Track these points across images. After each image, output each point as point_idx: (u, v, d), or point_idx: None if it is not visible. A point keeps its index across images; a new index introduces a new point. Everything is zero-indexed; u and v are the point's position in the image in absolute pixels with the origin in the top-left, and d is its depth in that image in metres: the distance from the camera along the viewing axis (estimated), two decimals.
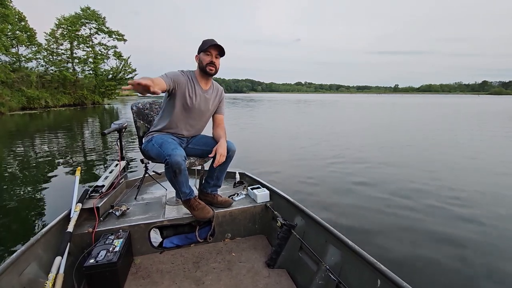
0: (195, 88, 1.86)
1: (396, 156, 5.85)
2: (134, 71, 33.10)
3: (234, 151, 1.95)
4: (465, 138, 8.29)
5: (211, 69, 1.82)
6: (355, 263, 1.27)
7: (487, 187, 3.88)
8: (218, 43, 1.77)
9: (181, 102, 1.84)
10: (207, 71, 1.82)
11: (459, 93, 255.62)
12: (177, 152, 1.63)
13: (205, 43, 1.79)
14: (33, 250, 1.36)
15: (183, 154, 1.67)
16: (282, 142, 7.49)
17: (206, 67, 1.81)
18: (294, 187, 3.82)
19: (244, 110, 20.94)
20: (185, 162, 1.67)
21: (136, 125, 2.18)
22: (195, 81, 1.87)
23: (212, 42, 1.77)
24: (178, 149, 1.66)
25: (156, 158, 1.84)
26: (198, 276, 1.61)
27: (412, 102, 43.09)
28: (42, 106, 22.81)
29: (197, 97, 1.87)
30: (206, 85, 1.92)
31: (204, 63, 1.81)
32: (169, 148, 1.66)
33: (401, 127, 11.16)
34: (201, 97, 1.89)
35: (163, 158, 1.66)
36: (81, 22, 29.73)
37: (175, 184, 1.74)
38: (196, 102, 1.87)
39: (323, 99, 55.99)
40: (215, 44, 1.76)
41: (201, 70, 1.85)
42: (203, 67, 1.82)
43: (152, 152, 1.83)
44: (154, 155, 1.83)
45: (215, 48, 1.79)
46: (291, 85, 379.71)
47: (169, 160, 1.61)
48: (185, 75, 1.84)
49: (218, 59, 1.85)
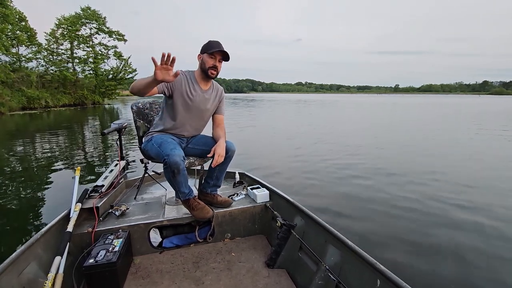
0: (195, 87, 1.86)
1: (396, 156, 5.84)
2: (135, 71, 33.12)
3: (234, 151, 1.94)
4: (466, 138, 8.28)
5: (212, 72, 1.82)
6: (355, 263, 1.27)
7: (489, 188, 3.87)
8: (224, 49, 1.76)
9: (180, 101, 1.84)
10: (209, 74, 1.82)
11: (460, 93, 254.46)
12: (175, 152, 1.63)
13: (211, 45, 1.78)
14: (33, 249, 1.36)
15: (182, 154, 1.67)
16: (282, 142, 7.48)
17: (208, 70, 1.80)
18: (295, 186, 3.81)
19: (244, 110, 20.93)
20: (184, 162, 1.67)
21: (136, 125, 2.18)
22: (194, 81, 1.87)
23: (219, 47, 1.76)
24: (176, 149, 1.66)
25: (156, 157, 1.84)
26: (197, 276, 1.61)
27: (412, 102, 43.01)
28: (42, 106, 22.75)
29: (196, 96, 1.87)
30: (205, 85, 1.92)
31: (206, 66, 1.80)
32: (167, 148, 1.66)
33: (401, 127, 11.15)
34: (201, 96, 1.89)
35: (162, 158, 1.66)
36: (81, 22, 29.70)
37: (174, 184, 1.74)
38: (195, 102, 1.87)
39: (323, 99, 55.91)
40: (221, 50, 1.76)
41: (203, 71, 1.84)
42: (205, 69, 1.81)
43: (152, 152, 1.83)
44: (153, 155, 1.84)
45: (221, 54, 1.79)
46: (291, 85, 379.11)
47: (168, 160, 1.61)
48: (183, 75, 1.84)
49: (221, 63, 1.85)
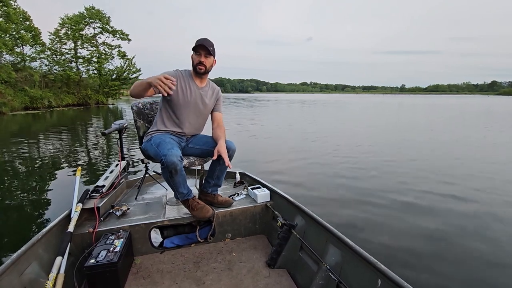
0: (190, 84, 1.91)
1: (397, 156, 5.81)
2: (139, 71, 32.93)
3: (234, 150, 1.95)
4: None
5: (200, 68, 1.87)
6: (356, 263, 1.26)
7: (494, 188, 3.83)
8: (204, 43, 1.81)
9: (177, 98, 1.88)
10: (198, 70, 1.88)
11: (467, 93, 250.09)
12: (172, 152, 1.63)
13: (196, 43, 1.84)
14: (34, 250, 1.37)
15: (179, 154, 1.67)
16: (284, 142, 7.47)
17: (196, 66, 1.87)
18: (302, 185, 3.82)
19: (247, 110, 20.91)
20: (181, 162, 1.67)
21: (137, 125, 2.18)
22: (190, 78, 1.93)
23: (199, 42, 1.82)
24: (174, 149, 1.66)
25: (155, 157, 1.84)
26: (198, 276, 1.61)
27: (419, 102, 42.34)
28: (45, 106, 22.65)
29: (192, 92, 1.91)
30: (201, 83, 1.97)
31: (194, 63, 1.88)
32: (165, 148, 1.67)
33: (406, 126, 11.09)
34: (196, 93, 1.93)
35: (159, 158, 1.66)
36: (85, 22, 29.63)
37: (172, 184, 1.75)
38: (191, 98, 1.91)
39: (328, 99, 55.28)
40: (202, 44, 1.81)
41: (193, 69, 1.91)
42: (194, 66, 1.89)
43: (151, 152, 1.84)
44: (152, 155, 1.85)
45: (203, 48, 1.83)
46: (296, 85, 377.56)
47: (165, 160, 1.61)
48: (179, 72, 1.92)
49: (209, 59, 1.89)
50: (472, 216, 2.92)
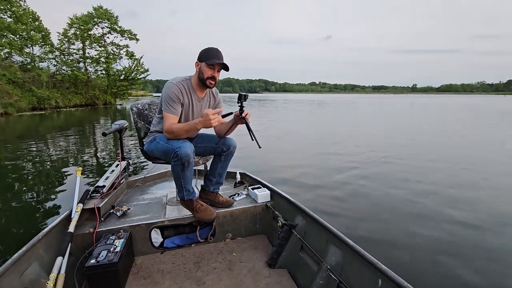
0: (192, 97, 1.83)
1: (399, 156, 5.73)
2: (147, 71, 32.93)
3: (235, 147, 1.96)
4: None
5: (211, 82, 1.78)
6: (356, 263, 1.26)
7: (497, 189, 3.76)
8: (222, 60, 1.72)
9: (181, 113, 1.82)
10: (207, 84, 1.78)
11: (482, 93, 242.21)
12: (186, 144, 1.64)
13: (210, 55, 1.73)
14: (35, 250, 1.38)
15: (192, 147, 1.67)
16: (289, 143, 7.43)
17: (206, 80, 1.76)
18: (305, 185, 3.81)
19: (256, 110, 20.85)
20: (194, 155, 1.68)
21: (137, 126, 2.18)
22: (191, 89, 1.83)
23: (218, 58, 1.72)
24: (187, 142, 1.67)
25: (162, 156, 1.81)
26: (199, 276, 1.61)
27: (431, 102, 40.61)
28: (53, 107, 22.43)
29: (194, 107, 1.86)
30: (202, 93, 1.89)
31: (205, 76, 1.75)
32: (178, 142, 1.67)
33: (409, 126, 10.92)
34: (197, 106, 1.88)
35: (172, 151, 1.63)
36: (93, 22, 29.66)
37: (182, 179, 1.71)
38: (194, 113, 1.87)
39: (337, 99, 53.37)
40: (221, 62, 1.72)
41: (200, 81, 1.79)
42: (203, 79, 1.76)
43: (158, 150, 1.80)
44: (159, 153, 1.80)
45: (221, 65, 1.75)
46: (305, 85, 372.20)
47: (179, 152, 1.59)
48: (180, 85, 1.78)
49: (219, 73, 1.80)
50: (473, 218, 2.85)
